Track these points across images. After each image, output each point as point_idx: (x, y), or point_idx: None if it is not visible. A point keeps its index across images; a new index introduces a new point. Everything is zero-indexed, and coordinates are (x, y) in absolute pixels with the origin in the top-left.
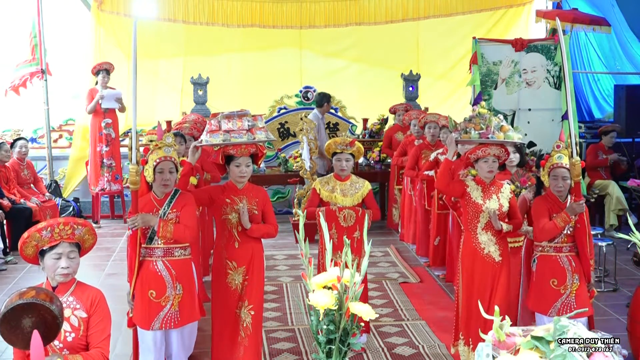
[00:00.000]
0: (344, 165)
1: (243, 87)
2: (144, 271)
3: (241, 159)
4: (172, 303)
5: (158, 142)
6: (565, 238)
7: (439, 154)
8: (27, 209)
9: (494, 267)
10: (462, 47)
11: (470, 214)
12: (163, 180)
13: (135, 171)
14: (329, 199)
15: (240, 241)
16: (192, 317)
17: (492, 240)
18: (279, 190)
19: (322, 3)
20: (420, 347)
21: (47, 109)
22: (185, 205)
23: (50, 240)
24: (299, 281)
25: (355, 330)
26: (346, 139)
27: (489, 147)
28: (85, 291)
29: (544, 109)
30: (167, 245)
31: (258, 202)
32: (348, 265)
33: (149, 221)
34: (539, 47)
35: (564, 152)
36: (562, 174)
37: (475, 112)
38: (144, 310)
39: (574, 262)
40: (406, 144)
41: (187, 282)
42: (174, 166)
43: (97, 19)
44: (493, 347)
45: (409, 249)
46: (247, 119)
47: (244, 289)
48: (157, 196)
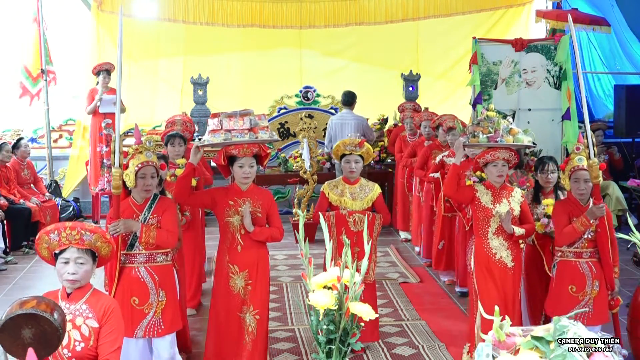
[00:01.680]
0: (353, 167)
1: (243, 87)
2: (125, 278)
3: (244, 159)
4: (155, 310)
5: (139, 147)
6: (586, 243)
7: (445, 156)
8: (26, 209)
9: (507, 273)
10: (461, 47)
11: (480, 219)
12: (145, 185)
13: (119, 175)
14: (338, 203)
15: (243, 245)
16: (175, 325)
17: (503, 245)
18: (279, 190)
19: (322, 3)
20: (420, 347)
21: (47, 109)
22: (165, 210)
23: (60, 244)
24: (299, 281)
25: (355, 330)
26: (355, 139)
27: (498, 150)
28: (100, 300)
29: (544, 109)
30: (149, 250)
31: (262, 204)
32: (348, 265)
33: (131, 227)
34: (539, 47)
35: (584, 154)
36: (583, 177)
37: (484, 115)
38: (127, 318)
39: (595, 269)
40: (416, 145)
41: (169, 289)
42: (155, 171)
43: (97, 19)
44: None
45: (409, 249)
46: (250, 118)
47: (248, 293)
48: (137, 201)
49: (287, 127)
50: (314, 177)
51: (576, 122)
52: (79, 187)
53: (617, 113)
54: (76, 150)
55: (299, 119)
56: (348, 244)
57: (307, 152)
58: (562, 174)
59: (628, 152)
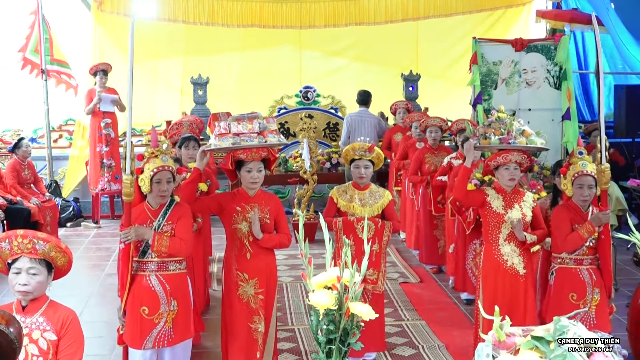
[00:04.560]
0: (363, 173)
1: (243, 87)
2: (136, 286)
3: (252, 163)
4: (165, 320)
5: (154, 150)
6: (587, 250)
7: (453, 158)
8: (25, 209)
9: (518, 281)
10: (461, 47)
11: (491, 225)
12: (160, 191)
13: (130, 182)
14: (347, 209)
15: (252, 252)
16: (187, 334)
17: (515, 252)
18: (279, 190)
19: (322, 3)
20: (420, 347)
21: (47, 109)
22: (181, 217)
23: (12, 253)
24: (299, 281)
25: (355, 330)
26: (365, 144)
27: (510, 153)
28: (57, 311)
29: (544, 109)
30: (161, 258)
31: (270, 210)
32: (348, 265)
33: (143, 234)
34: (539, 47)
35: (587, 158)
36: (588, 182)
37: (495, 116)
38: (136, 328)
39: (595, 276)
40: (407, 146)
41: (182, 298)
42: (171, 176)
43: (97, 19)
44: (493, 347)
45: (409, 249)
46: (258, 121)
47: (258, 302)
48: (152, 207)
49: (287, 127)
50: (314, 177)
51: (576, 122)
52: (79, 187)
53: (617, 113)
54: (76, 150)
55: (299, 119)
56: (348, 244)
57: (307, 152)
58: (564, 178)
59: (628, 152)
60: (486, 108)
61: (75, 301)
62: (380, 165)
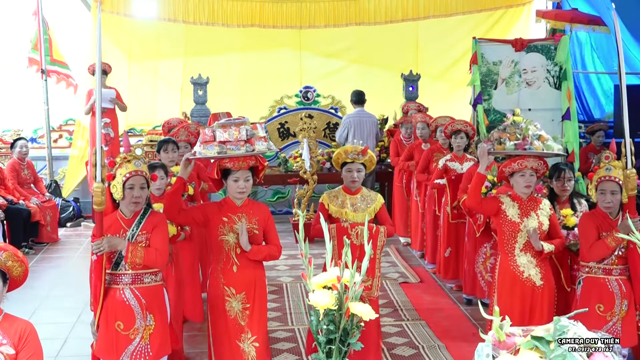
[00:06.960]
0: (355, 177)
1: (243, 87)
2: (109, 300)
3: (239, 172)
4: (142, 336)
5: (127, 155)
6: (616, 259)
7: (447, 160)
8: (25, 210)
9: (535, 293)
10: (461, 47)
11: (506, 234)
12: (133, 197)
13: (101, 190)
14: (339, 214)
15: (239, 265)
16: (164, 350)
17: (532, 262)
18: (279, 190)
19: (322, 3)
20: (420, 347)
21: (47, 109)
22: (156, 226)
23: None
24: (299, 281)
25: (355, 330)
26: (357, 147)
27: (525, 159)
28: (14, 324)
29: (544, 109)
30: (136, 270)
31: (259, 220)
32: (348, 265)
33: (116, 245)
34: (539, 47)
35: (614, 163)
36: (610, 188)
37: (510, 120)
38: (111, 344)
39: (625, 287)
40: (412, 147)
41: (158, 312)
42: (145, 181)
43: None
44: (493, 347)
45: (409, 249)
46: (246, 127)
47: (246, 318)
48: (125, 215)
49: (287, 127)
50: (314, 177)
51: (576, 122)
52: (79, 187)
53: (617, 113)
54: (76, 150)
55: (299, 119)
56: (348, 244)
57: (307, 152)
58: (590, 183)
59: None
60: (486, 108)
61: (75, 301)
62: (372, 168)
